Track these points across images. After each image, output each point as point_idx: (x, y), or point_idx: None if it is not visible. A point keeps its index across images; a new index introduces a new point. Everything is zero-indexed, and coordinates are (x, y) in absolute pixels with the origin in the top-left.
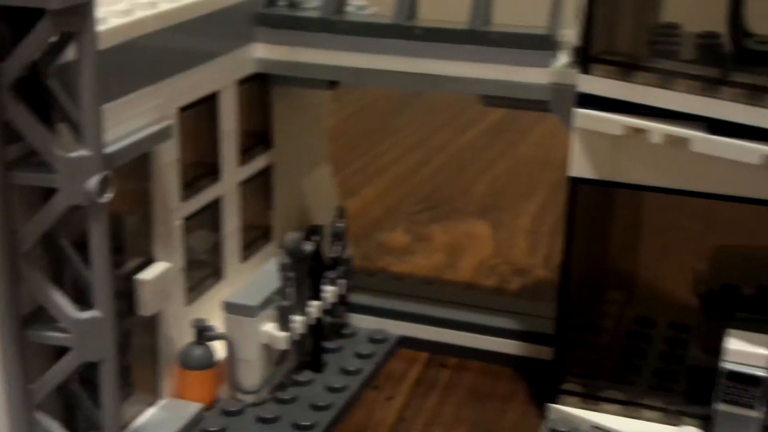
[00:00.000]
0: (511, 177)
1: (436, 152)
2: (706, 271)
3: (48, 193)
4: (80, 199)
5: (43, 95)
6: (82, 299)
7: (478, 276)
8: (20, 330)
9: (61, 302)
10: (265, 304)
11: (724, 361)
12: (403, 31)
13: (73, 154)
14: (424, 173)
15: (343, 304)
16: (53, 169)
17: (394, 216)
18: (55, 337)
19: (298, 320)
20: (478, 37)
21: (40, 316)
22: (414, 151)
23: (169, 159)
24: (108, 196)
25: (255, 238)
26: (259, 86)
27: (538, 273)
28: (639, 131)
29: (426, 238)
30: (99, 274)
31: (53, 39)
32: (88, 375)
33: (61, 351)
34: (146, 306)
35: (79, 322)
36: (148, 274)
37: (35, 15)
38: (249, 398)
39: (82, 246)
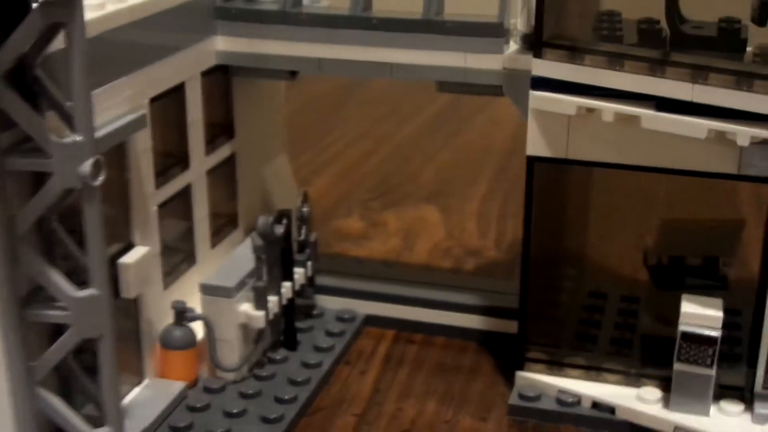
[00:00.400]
0: (456, 164)
1: (381, 142)
2: (654, 244)
3: (39, 178)
4: (75, 182)
5: (30, 85)
6: (73, 279)
7: (433, 258)
8: (20, 310)
9: (60, 282)
10: (241, 285)
11: (681, 323)
12: (361, 22)
13: (67, 140)
14: (372, 163)
15: (311, 285)
16: (48, 154)
17: (347, 204)
18: (54, 315)
19: (272, 300)
20: (432, 26)
21: (36, 296)
22: (359, 142)
23: (143, 147)
24: (101, 179)
25: (222, 225)
26: (221, 78)
27: (490, 254)
28: (591, 111)
29: (380, 223)
30: (95, 253)
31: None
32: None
33: (56, 330)
34: (129, 289)
35: (78, 300)
36: (130, 257)
37: (21, 6)
38: (229, 376)
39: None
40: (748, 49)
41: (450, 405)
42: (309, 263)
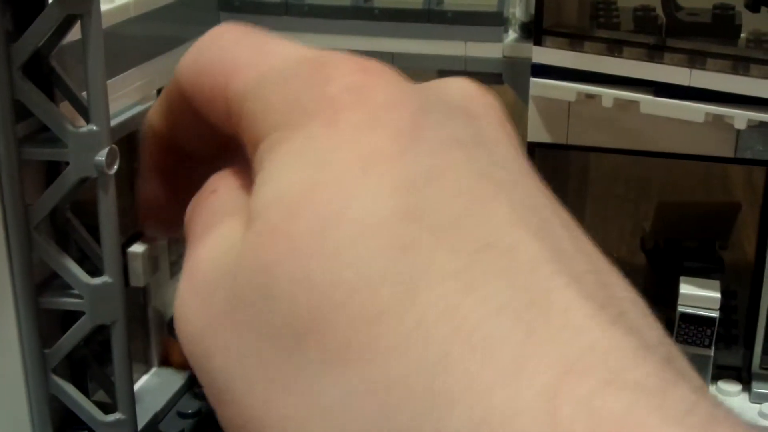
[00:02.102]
0: None
1: None
2: (651, 228)
3: (52, 168)
4: (91, 171)
5: (46, 75)
6: (86, 268)
7: None
8: (35, 297)
9: (75, 270)
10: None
11: (680, 305)
12: (362, 12)
13: (83, 129)
14: None
15: None
16: (64, 144)
17: None
18: (69, 302)
19: None
20: (433, 16)
21: (50, 284)
22: None
23: None
24: (115, 168)
25: None
26: None
27: None
28: (591, 97)
29: None
30: (108, 241)
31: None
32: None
33: (68, 317)
34: (138, 277)
35: (92, 287)
36: (140, 246)
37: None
38: None
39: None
40: (743, 34)
41: None
42: None
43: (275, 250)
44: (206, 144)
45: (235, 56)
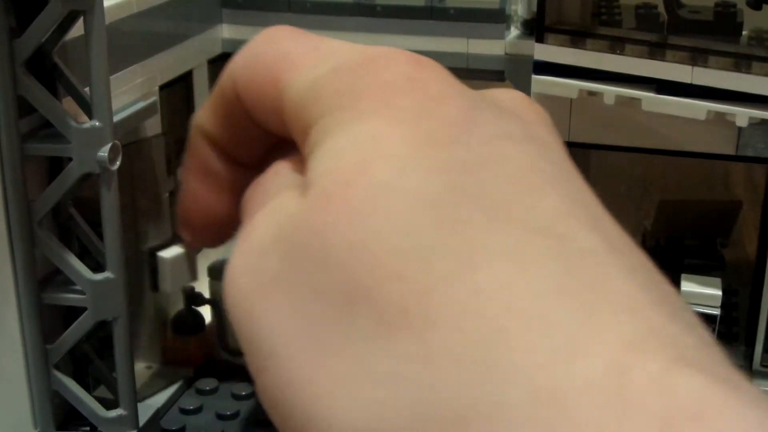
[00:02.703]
0: None
1: None
2: (652, 226)
3: (55, 163)
4: (93, 167)
5: (49, 71)
6: (88, 264)
7: None
8: (38, 293)
9: (77, 265)
10: None
11: None
12: (365, 9)
13: (86, 125)
14: None
15: None
16: (67, 139)
17: None
18: (71, 298)
19: None
20: (435, 13)
21: (53, 279)
22: None
23: (153, 134)
24: (118, 164)
25: None
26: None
27: None
28: (593, 94)
29: None
30: (111, 237)
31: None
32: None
33: (70, 313)
34: (166, 282)
35: (94, 283)
36: (169, 252)
37: None
38: (239, 360)
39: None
40: (744, 32)
41: None
42: None
43: (330, 215)
44: (254, 147)
45: (287, 50)
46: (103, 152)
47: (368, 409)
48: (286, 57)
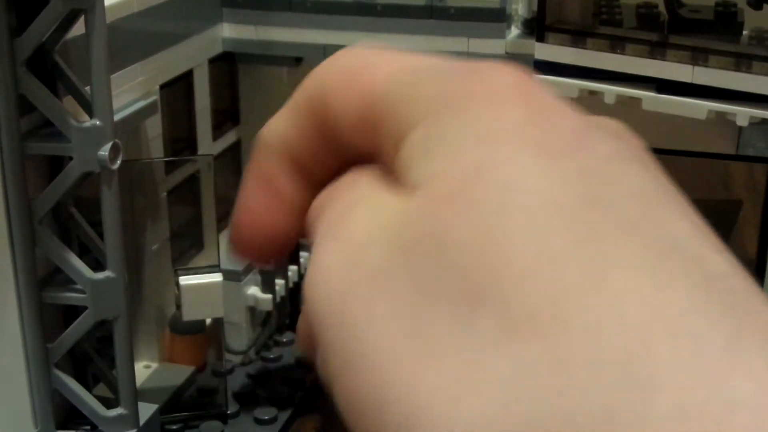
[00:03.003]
0: None
1: None
2: None
3: (55, 163)
4: (94, 166)
5: (50, 70)
6: (89, 263)
7: None
8: (38, 292)
9: (78, 264)
10: (249, 269)
11: None
12: (365, 8)
13: (87, 124)
14: None
15: None
16: (67, 138)
17: None
18: (72, 297)
19: (279, 283)
20: (436, 12)
21: (53, 279)
22: None
23: (153, 133)
24: (119, 163)
25: (228, 210)
26: (227, 65)
27: None
28: (593, 93)
29: None
30: (112, 237)
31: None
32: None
33: (71, 312)
34: (190, 312)
35: (95, 282)
36: (192, 280)
37: None
38: (237, 359)
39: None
40: (745, 32)
41: None
42: None
43: (450, 214)
44: (331, 162)
45: (374, 59)
46: (104, 151)
47: (485, 413)
48: (371, 63)
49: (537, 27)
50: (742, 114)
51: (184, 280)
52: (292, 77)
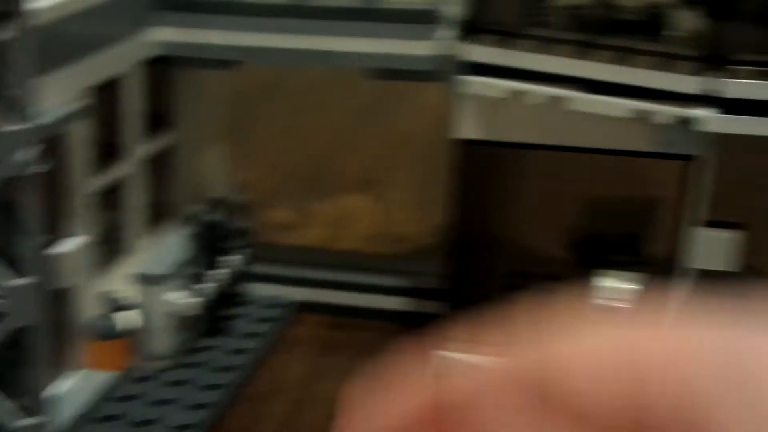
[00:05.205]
0: (384, 153)
1: (310, 133)
2: (576, 223)
3: None
4: (16, 170)
5: None
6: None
7: (367, 246)
8: None
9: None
10: (174, 273)
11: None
12: (298, 10)
13: (10, 128)
14: (302, 153)
15: (243, 272)
16: None
17: (276, 196)
18: None
19: (205, 288)
20: (368, 13)
21: None
22: (289, 133)
23: (80, 137)
24: (43, 168)
25: (159, 214)
26: (162, 68)
27: (423, 240)
28: (521, 93)
29: (310, 213)
30: (32, 242)
31: None
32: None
33: None
34: (60, 278)
35: (14, 288)
36: (64, 247)
37: None
38: (160, 364)
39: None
40: (669, 33)
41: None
42: (245, 250)
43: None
44: None
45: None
46: (26, 155)
47: None
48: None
49: (466, 29)
50: (663, 113)
51: (56, 249)
52: (227, 80)
